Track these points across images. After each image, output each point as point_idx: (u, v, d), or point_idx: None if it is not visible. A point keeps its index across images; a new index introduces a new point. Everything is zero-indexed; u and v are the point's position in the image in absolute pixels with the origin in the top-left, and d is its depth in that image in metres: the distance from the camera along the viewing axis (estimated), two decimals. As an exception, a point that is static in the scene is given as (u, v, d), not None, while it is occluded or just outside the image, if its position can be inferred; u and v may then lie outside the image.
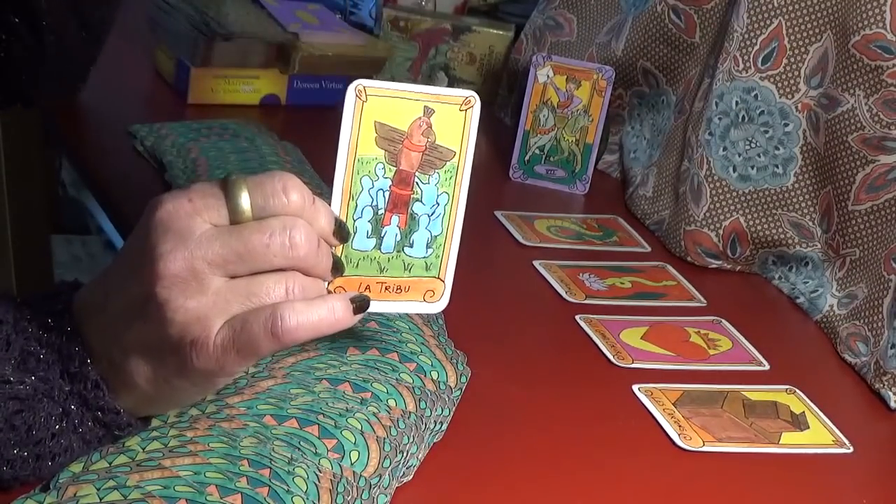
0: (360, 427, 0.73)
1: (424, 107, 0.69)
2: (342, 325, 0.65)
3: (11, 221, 1.82)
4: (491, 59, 1.48)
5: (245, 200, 0.62)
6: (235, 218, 0.62)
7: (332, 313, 0.64)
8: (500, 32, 1.48)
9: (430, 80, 1.50)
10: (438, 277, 0.73)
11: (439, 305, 0.74)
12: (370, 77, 1.32)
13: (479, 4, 1.60)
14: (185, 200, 0.62)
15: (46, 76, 1.06)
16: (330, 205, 0.67)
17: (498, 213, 1.16)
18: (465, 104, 0.71)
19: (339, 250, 0.68)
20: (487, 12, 1.59)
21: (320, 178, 1.09)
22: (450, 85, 1.50)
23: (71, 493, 0.64)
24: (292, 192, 0.63)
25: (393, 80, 1.49)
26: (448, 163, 0.71)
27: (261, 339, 0.62)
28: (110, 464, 0.67)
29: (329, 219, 0.65)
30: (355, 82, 0.67)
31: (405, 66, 1.50)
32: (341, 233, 0.67)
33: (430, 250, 0.73)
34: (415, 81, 1.50)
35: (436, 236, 0.73)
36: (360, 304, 0.66)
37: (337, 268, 0.67)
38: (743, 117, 1.10)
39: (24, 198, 1.83)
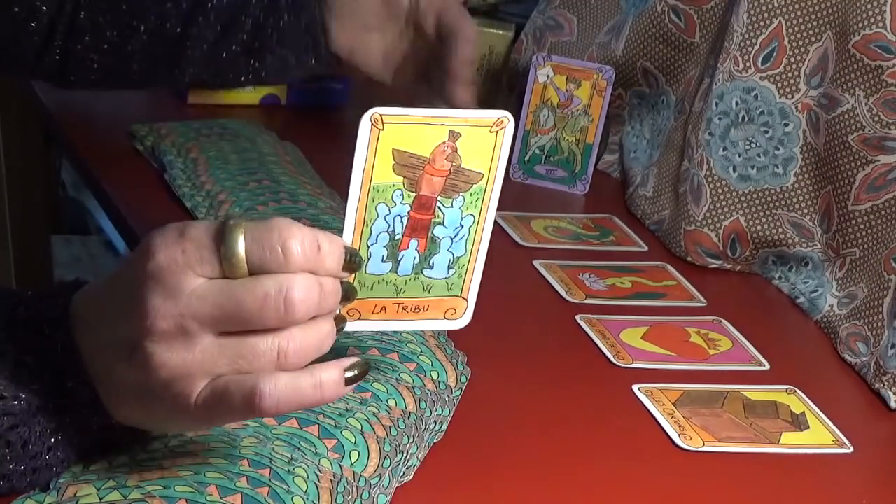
0: (360, 427, 0.73)
1: (450, 131, 0.66)
2: (329, 400, 0.62)
3: (11, 221, 1.82)
4: (491, 59, 1.48)
5: (241, 250, 0.59)
6: (230, 271, 0.60)
7: (319, 391, 0.61)
8: (500, 32, 1.48)
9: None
10: (461, 296, 0.71)
11: (461, 323, 0.72)
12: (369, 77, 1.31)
13: (479, 4, 1.59)
14: (179, 252, 0.59)
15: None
16: (341, 234, 0.64)
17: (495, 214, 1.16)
18: (497, 125, 0.67)
19: (352, 277, 0.65)
20: (487, 12, 1.59)
21: (321, 178, 1.09)
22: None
23: (71, 493, 0.64)
24: (292, 246, 0.59)
25: None
26: (475, 185, 0.68)
27: (237, 410, 0.61)
28: (110, 464, 0.67)
29: (337, 259, 0.61)
30: (371, 110, 0.64)
31: (405, 66, 1.49)
32: (352, 265, 0.63)
33: (451, 271, 0.70)
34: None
35: (458, 257, 0.70)
36: (354, 376, 0.62)
37: (348, 297, 0.64)
38: (743, 117, 1.10)
39: (24, 198, 1.83)
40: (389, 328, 0.70)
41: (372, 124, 0.64)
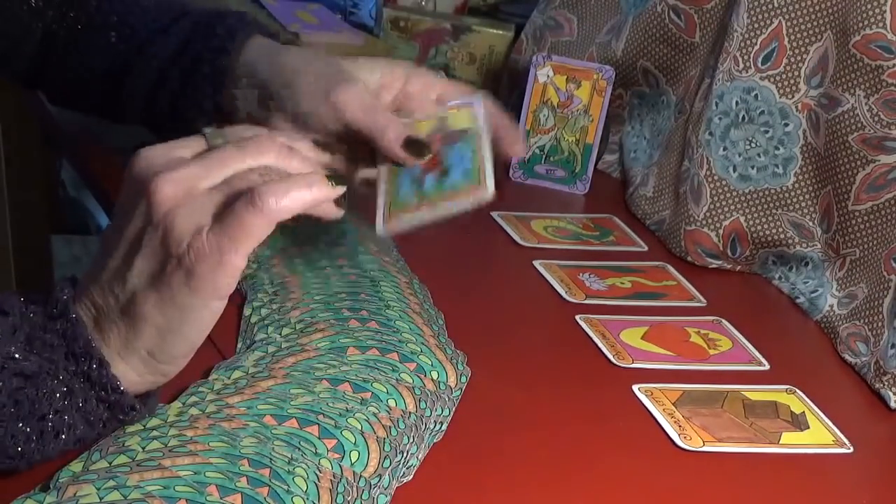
0: (360, 427, 0.73)
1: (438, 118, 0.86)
2: (323, 195, 0.69)
3: (11, 221, 1.82)
4: (491, 59, 1.48)
5: (214, 132, 0.72)
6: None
7: (309, 187, 0.68)
8: (500, 32, 1.48)
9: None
10: (480, 182, 0.81)
11: (487, 193, 0.81)
12: None
13: (479, 4, 1.60)
14: (161, 146, 0.70)
15: None
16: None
17: (494, 214, 1.16)
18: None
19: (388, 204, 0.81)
20: (487, 12, 1.59)
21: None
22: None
23: (71, 492, 0.64)
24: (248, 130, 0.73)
25: None
26: (467, 134, 0.84)
27: (245, 216, 0.66)
28: (110, 464, 0.67)
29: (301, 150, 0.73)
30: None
31: (405, 66, 1.49)
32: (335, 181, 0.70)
33: (467, 176, 0.82)
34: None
35: (468, 169, 0.82)
36: (337, 179, 0.70)
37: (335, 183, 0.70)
38: (743, 117, 1.10)
39: (24, 198, 1.83)
40: (427, 219, 0.81)
41: None
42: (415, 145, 0.83)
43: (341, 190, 0.70)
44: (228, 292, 0.68)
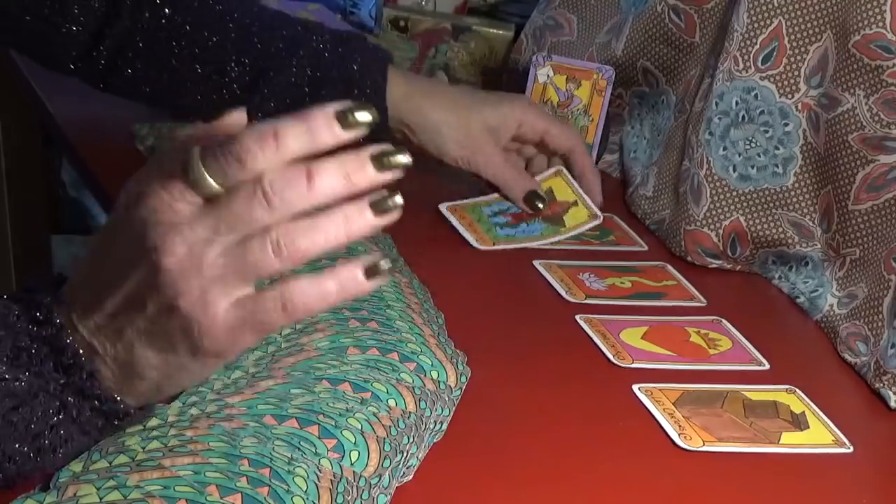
0: (360, 427, 0.73)
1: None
2: (354, 295, 0.62)
3: (11, 221, 1.82)
4: (491, 59, 1.48)
5: (209, 183, 0.60)
6: (205, 193, 0.61)
7: (342, 288, 0.62)
8: (500, 32, 1.48)
9: (430, 79, 1.50)
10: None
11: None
12: None
13: (479, 4, 1.60)
14: (161, 190, 0.61)
15: None
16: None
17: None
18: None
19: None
20: (487, 12, 1.59)
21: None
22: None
23: (71, 492, 0.64)
24: (245, 152, 0.60)
25: None
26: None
27: (272, 317, 0.61)
28: (110, 464, 0.67)
29: (296, 134, 0.60)
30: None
31: (405, 66, 1.50)
32: (347, 122, 0.61)
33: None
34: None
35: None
36: (373, 270, 0.62)
37: (385, 164, 0.61)
38: (743, 117, 1.10)
39: (24, 198, 1.83)
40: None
41: None
42: (535, 198, 1.15)
43: (376, 283, 0.62)
44: (235, 356, 0.66)
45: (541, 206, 1.14)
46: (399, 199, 0.61)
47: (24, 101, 1.47)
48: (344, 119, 0.60)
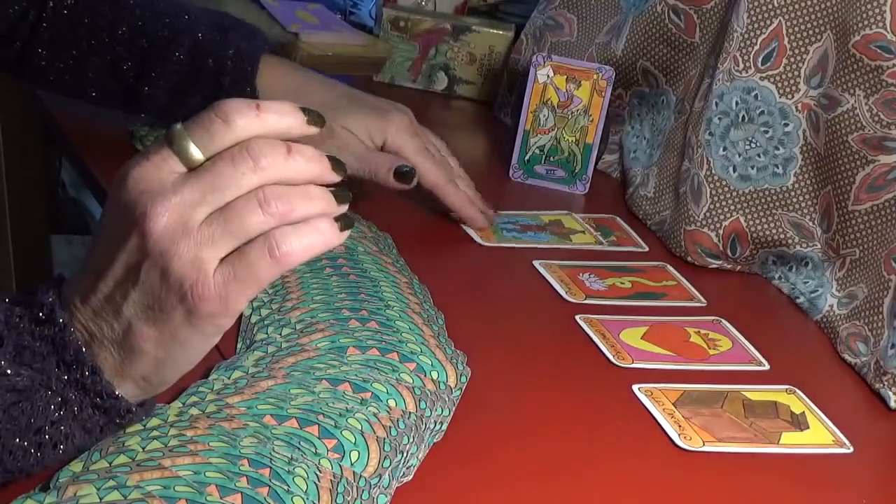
0: (360, 427, 0.73)
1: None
2: (333, 244, 0.65)
3: (11, 221, 1.82)
4: (491, 59, 1.48)
5: (193, 149, 0.64)
6: (190, 162, 0.64)
7: (321, 235, 0.65)
8: (500, 32, 1.49)
9: (429, 80, 1.50)
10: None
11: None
12: (369, 77, 1.35)
13: (479, 4, 1.60)
14: (145, 161, 0.64)
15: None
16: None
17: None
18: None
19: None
20: (487, 12, 1.59)
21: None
22: (450, 84, 1.50)
23: (71, 492, 0.64)
24: (233, 118, 0.63)
25: (393, 80, 1.49)
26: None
27: (260, 264, 0.63)
28: (110, 464, 0.67)
29: (285, 117, 0.65)
30: None
31: (405, 66, 1.50)
32: (314, 118, 0.66)
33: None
34: (415, 81, 1.50)
35: None
36: (345, 222, 0.66)
37: (338, 167, 0.66)
38: (743, 117, 1.10)
39: (24, 198, 1.83)
40: None
41: None
42: (404, 170, 1.05)
43: (347, 234, 0.66)
44: (229, 326, 0.66)
45: (412, 177, 1.05)
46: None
47: (24, 101, 1.47)
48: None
